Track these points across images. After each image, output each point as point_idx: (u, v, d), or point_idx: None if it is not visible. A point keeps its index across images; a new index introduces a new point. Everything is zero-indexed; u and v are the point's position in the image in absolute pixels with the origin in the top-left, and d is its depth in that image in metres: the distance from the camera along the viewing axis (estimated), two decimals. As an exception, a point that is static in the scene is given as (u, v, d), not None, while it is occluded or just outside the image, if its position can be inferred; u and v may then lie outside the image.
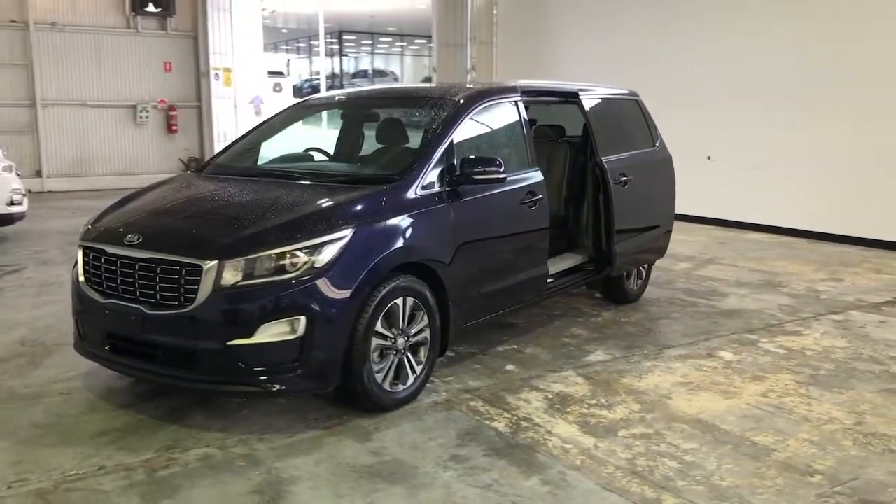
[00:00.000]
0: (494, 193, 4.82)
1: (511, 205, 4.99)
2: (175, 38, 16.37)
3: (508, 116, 5.30)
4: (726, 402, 4.37)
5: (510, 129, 5.30)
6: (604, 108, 6.27)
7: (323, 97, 5.81)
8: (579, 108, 5.92)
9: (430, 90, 5.51)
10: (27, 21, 14.88)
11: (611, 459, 3.64)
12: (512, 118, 5.30)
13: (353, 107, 5.78)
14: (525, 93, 5.46)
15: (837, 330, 5.81)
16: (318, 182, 4.54)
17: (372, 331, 3.99)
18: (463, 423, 4.05)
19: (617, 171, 5.87)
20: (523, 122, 5.28)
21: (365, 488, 3.35)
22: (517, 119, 5.28)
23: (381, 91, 5.93)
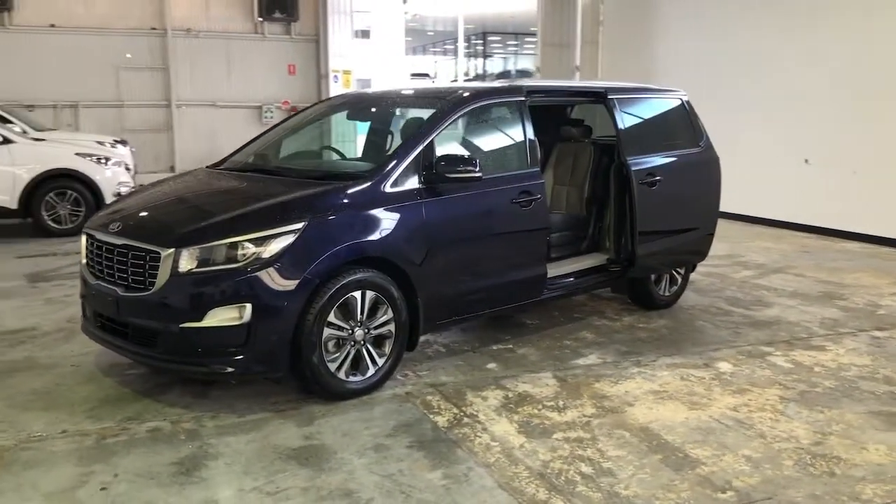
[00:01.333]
0: (478, 193, 4.87)
1: (499, 204, 5.01)
2: (298, 41, 17.24)
3: (507, 117, 5.33)
4: (688, 413, 4.22)
5: (508, 129, 5.32)
6: (638, 107, 6.14)
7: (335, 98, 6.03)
8: (606, 107, 5.84)
9: (432, 90, 5.62)
10: (165, 28, 16.16)
11: (527, 460, 3.63)
12: (511, 118, 5.32)
13: (361, 107, 5.98)
14: (533, 93, 5.45)
15: (869, 347, 5.41)
16: (298, 178, 4.76)
17: (324, 321, 4.16)
18: (407, 416, 4.16)
19: (644, 172, 5.74)
20: (525, 122, 5.27)
21: (274, 468, 3.54)
22: (517, 119, 5.28)
23: (390, 91, 6.08)
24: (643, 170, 5.76)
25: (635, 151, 5.80)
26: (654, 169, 5.85)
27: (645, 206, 5.73)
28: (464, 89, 5.24)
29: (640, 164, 5.77)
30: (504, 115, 5.35)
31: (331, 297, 4.17)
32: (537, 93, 5.54)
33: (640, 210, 5.69)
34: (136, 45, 16.10)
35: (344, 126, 5.79)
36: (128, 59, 16.01)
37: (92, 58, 15.68)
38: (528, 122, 5.30)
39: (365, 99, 5.85)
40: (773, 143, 10.55)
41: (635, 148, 5.82)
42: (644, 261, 5.80)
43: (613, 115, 5.78)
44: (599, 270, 5.92)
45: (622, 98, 5.91)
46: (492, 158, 5.22)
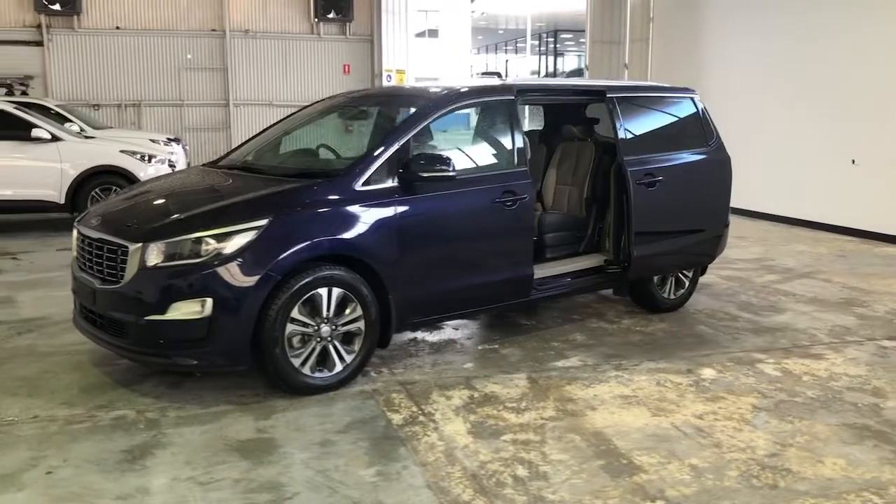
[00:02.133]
0: (457, 192, 4.87)
1: (480, 204, 4.99)
2: (353, 41, 17.50)
3: (495, 116, 5.31)
4: (650, 419, 4.12)
5: (495, 128, 5.30)
6: (640, 107, 6.04)
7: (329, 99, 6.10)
8: (606, 106, 5.75)
9: (420, 90, 5.62)
10: (224, 29, 16.64)
11: (465, 460, 3.62)
12: (499, 118, 5.29)
13: (353, 106, 6.04)
14: (523, 92, 5.41)
15: (871, 357, 5.17)
16: (277, 176, 4.84)
17: (287, 317, 4.24)
18: (365, 412, 4.20)
19: (643, 173, 5.63)
20: (514, 121, 5.24)
21: (216, 459, 3.63)
22: (506, 119, 5.26)
23: (383, 90, 6.12)
24: (642, 170, 5.64)
25: (635, 151, 5.70)
26: (654, 169, 5.73)
27: (643, 207, 5.62)
28: (449, 89, 5.24)
29: (639, 163, 5.66)
30: (492, 114, 5.32)
31: (293, 294, 4.23)
32: (528, 92, 5.50)
33: (637, 211, 5.58)
34: (196, 46, 16.63)
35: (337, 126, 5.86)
36: (188, 60, 16.56)
37: (155, 59, 16.29)
38: (518, 122, 5.27)
39: (359, 98, 5.90)
40: (821, 144, 10.16)
41: (635, 148, 5.72)
42: (641, 262, 5.69)
43: (612, 114, 5.69)
44: (598, 271, 5.83)
45: (623, 97, 5.81)
46: (475, 157, 5.19)
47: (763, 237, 9.82)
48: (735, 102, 11.68)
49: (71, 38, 15.94)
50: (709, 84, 12.19)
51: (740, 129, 11.48)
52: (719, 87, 11.98)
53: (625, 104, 5.79)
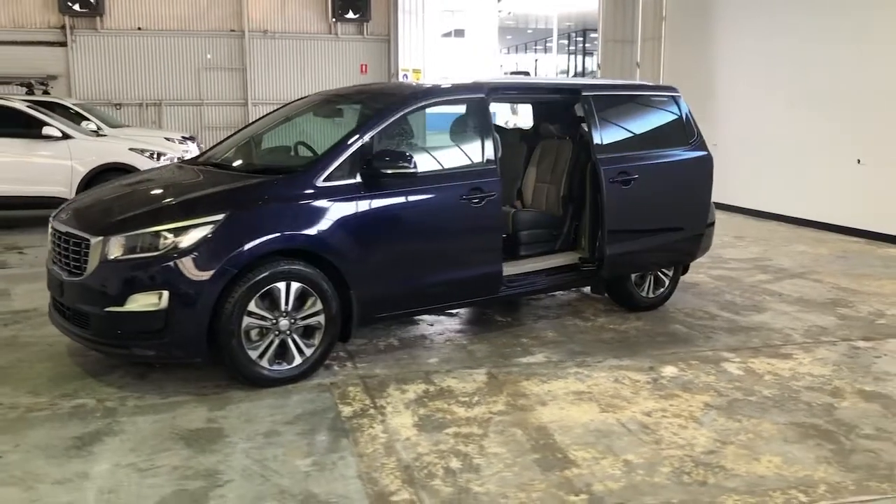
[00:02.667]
0: (422, 189, 4.93)
1: (445, 201, 5.04)
2: (370, 41, 17.63)
3: (465, 114, 5.35)
4: (598, 415, 4.14)
5: (464, 126, 5.34)
6: (616, 105, 6.05)
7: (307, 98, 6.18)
8: (581, 105, 5.76)
9: (392, 88, 5.67)
10: (243, 30, 16.87)
11: (403, 452, 3.68)
12: (469, 116, 5.34)
13: (326, 104, 6.10)
14: (495, 90, 5.45)
15: (840, 357, 5.12)
16: (245, 172, 4.93)
17: (244, 310, 4.33)
18: (318, 405, 4.27)
19: (617, 171, 5.63)
20: (484, 120, 5.28)
21: (161, 447, 3.73)
22: (475, 117, 5.30)
23: (358, 88, 6.17)
24: (616, 168, 5.65)
25: (610, 149, 5.71)
26: (629, 168, 5.72)
27: (616, 205, 5.63)
28: (417, 87, 5.29)
29: (613, 162, 5.66)
30: (461, 112, 5.36)
31: (250, 288, 4.32)
32: (500, 91, 5.53)
33: (610, 209, 5.59)
34: (215, 46, 16.89)
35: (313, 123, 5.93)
36: (208, 60, 16.82)
37: (175, 59, 16.57)
38: (489, 120, 5.30)
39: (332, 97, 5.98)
40: (827, 144, 10.02)
41: (610, 146, 5.73)
42: (615, 260, 5.69)
43: (587, 112, 5.70)
44: (572, 269, 5.85)
45: (599, 95, 5.82)
46: (442, 155, 5.24)
47: (765, 237, 9.72)
48: (744, 101, 11.58)
49: (94, 39, 16.29)
50: (719, 82, 12.10)
51: (748, 128, 11.39)
52: (730, 85, 11.88)
53: (601, 103, 5.79)
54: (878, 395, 4.44)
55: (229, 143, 5.77)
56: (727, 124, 11.92)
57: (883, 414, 4.17)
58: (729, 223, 10.77)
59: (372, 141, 4.83)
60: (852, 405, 4.30)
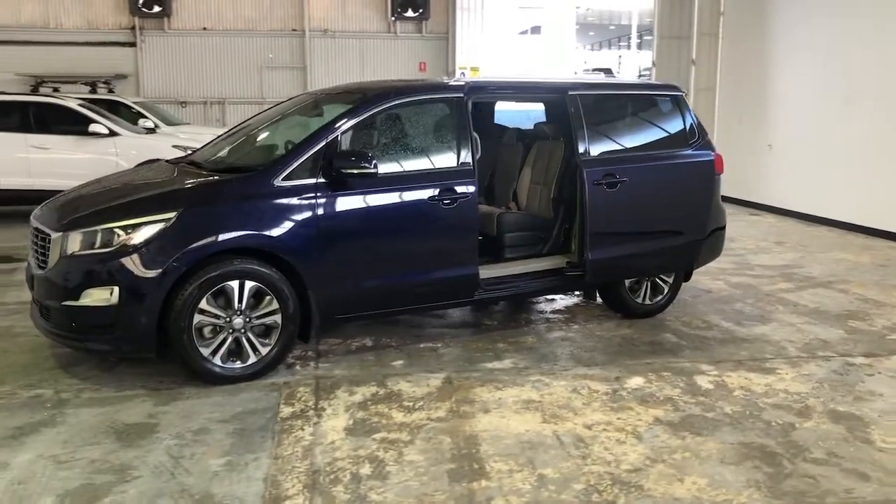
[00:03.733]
0: (387, 189, 4.88)
1: (412, 201, 4.98)
2: (429, 39, 17.65)
3: (441, 114, 5.27)
4: (537, 425, 4.01)
5: (439, 126, 5.26)
6: (606, 104, 5.87)
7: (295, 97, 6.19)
8: (567, 104, 5.59)
9: (370, 87, 5.61)
10: (304, 29, 17.16)
11: (319, 456, 3.65)
12: (446, 116, 5.26)
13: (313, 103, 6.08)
14: (476, 90, 5.35)
15: (827, 374, 4.81)
16: (212, 171, 4.98)
17: (194, 307, 4.37)
18: (261, 404, 4.28)
19: (602, 173, 5.46)
20: (462, 119, 5.18)
21: (91, 440, 3.81)
22: (452, 116, 5.21)
23: (345, 86, 6.12)
24: (601, 170, 5.46)
25: (596, 150, 5.52)
26: (617, 170, 5.53)
27: (601, 209, 5.45)
28: (388, 86, 5.24)
29: (599, 164, 5.48)
30: (437, 112, 5.29)
31: (201, 286, 4.36)
32: (482, 91, 5.43)
33: (594, 212, 5.42)
34: (277, 45, 17.24)
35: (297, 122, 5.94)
36: (270, 59, 17.16)
37: (238, 58, 16.99)
38: (467, 120, 5.19)
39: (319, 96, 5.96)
40: (884, 147, 9.44)
41: (597, 147, 5.54)
42: (599, 266, 5.51)
43: (572, 112, 5.52)
44: (558, 273, 5.68)
45: (587, 94, 5.63)
46: (412, 155, 5.16)
47: (806, 242, 9.23)
48: (800, 101, 11.05)
49: (161, 39, 16.87)
50: (777, 81, 11.59)
51: (805, 129, 10.88)
52: (787, 84, 11.35)
53: (589, 102, 5.61)
54: (849, 417, 4.14)
55: (218, 143, 5.84)
56: (784, 125, 11.39)
57: (844, 437, 3.88)
58: (775, 228, 10.30)
59: (337, 140, 4.80)
60: (815, 426, 4.02)
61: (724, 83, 13.19)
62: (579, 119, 5.50)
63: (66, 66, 16.07)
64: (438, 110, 5.30)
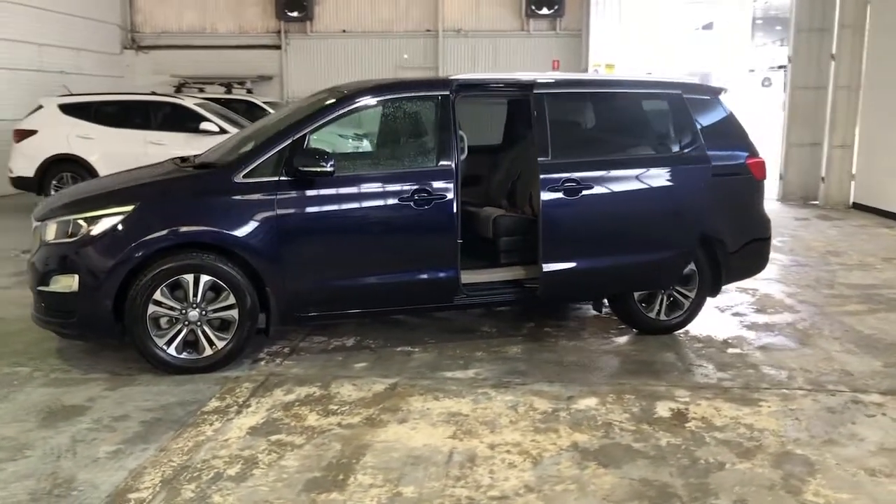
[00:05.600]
0: (353, 188, 4.84)
1: (380, 201, 4.89)
2: (563, 37, 17.28)
3: (422, 112, 5.14)
4: (440, 440, 3.81)
5: (419, 124, 5.13)
6: (583, 103, 5.49)
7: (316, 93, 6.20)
8: (531, 103, 5.17)
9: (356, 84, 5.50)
10: (438, 29, 17.35)
11: (201, 453, 3.66)
12: (427, 114, 5.12)
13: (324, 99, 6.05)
14: (464, 87, 5.16)
15: (818, 411, 4.20)
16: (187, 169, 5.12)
17: (149, 298, 4.54)
18: (196, 396, 4.36)
19: (563, 179, 5.06)
20: (446, 118, 5.01)
21: (22, 418, 4.05)
22: (435, 115, 5.06)
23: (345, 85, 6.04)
24: (562, 176, 5.05)
25: (561, 153, 5.12)
26: (582, 176, 5.10)
27: (559, 218, 5.09)
28: (366, 84, 5.16)
29: (560, 168, 5.08)
30: (420, 110, 5.15)
31: (155, 277, 4.52)
32: (470, 87, 5.21)
33: (548, 221, 5.05)
34: (412, 46, 17.55)
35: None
36: (405, 60, 17.50)
37: (374, 59, 17.47)
38: (451, 118, 5.02)
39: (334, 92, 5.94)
40: None
41: (561, 149, 5.15)
42: (553, 280, 5.10)
43: (537, 111, 5.13)
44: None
45: (555, 93, 5.23)
46: (385, 154, 5.07)
47: (921, 260, 8.13)
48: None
49: (303, 42, 17.66)
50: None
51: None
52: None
53: (557, 100, 5.22)
54: (799, 462, 3.60)
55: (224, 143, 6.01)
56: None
57: (770, 485, 3.38)
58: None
59: (305, 138, 4.80)
60: (748, 469, 3.53)
61: (870, 81, 11.88)
62: (543, 119, 5.12)
63: (218, 68, 17.22)
64: (421, 108, 5.15)
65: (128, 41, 17.76)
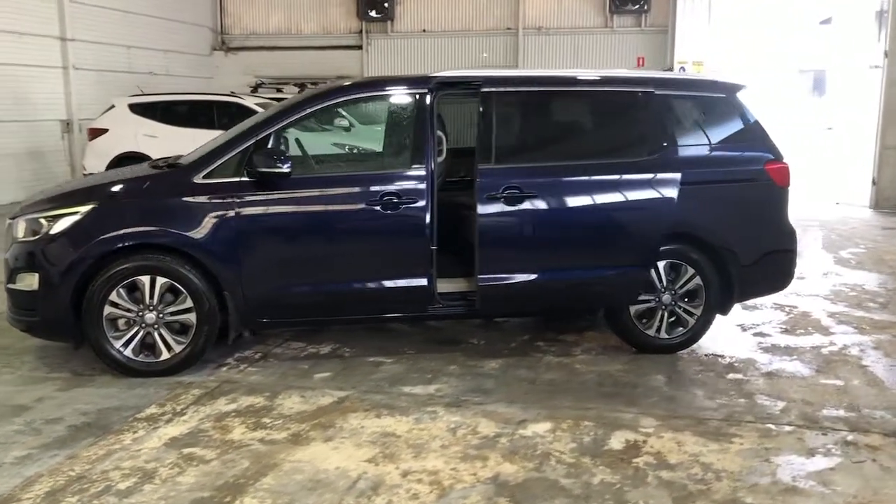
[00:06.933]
0: (316, 190, 4.65)
1: (345, 205, 4.68)
2: (649, 33, 16.58)
3: (401, 112, 4.89)
4: (357, 463, 3.55)
5: (396, 125, 4.89)
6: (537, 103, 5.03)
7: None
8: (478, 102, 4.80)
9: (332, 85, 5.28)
10: (518, 28, 17.00)
11: (104, 463, 3.55)
12: (405, 114, 4.87)
13: None
14: (445, 85, 4.88)
15: (795, 452, 3.68)
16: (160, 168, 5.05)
17: (105, 299, 4.49)
18: (139, 401, 4.27)
19: (503, 185, 4.68)
20: (422, 118, 4.75)
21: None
22: (412, 115, 4.80)
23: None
24: (502, 182, 4.68)
25: (504, 158, 4.77)
26: (525, 182, 4.71)
27: (497, 227, 4.73)
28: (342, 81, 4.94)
29: (502, 174, 4.72)
30: (394, 110, 4.91)
31: (110, 278, 4.46)
32: (452, 85, 4.91)
33: (485, 230, 4.69)
34: (491, 44, 17.27)
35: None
36: (484, 58, 17.22)
37: (454, 58, 17.28)
38: (427, 119, 4.75)
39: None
40: None
41: (506, 154, 4.81)
42: (490, 294, 4.75)
43: (483, 111, 4.76)
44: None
45: (504, 91, 4.85)
46: (356, 156, 4.84)
47: None
48: None
49: (384, 42, 17.66)
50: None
51: None
52: None
53: (506, 99, 4.85)
54: (740, 513, 3.13)
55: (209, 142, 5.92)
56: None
57: (691, 539, 2.93)
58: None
59: (268, 138, 4.64)
60: (674, 517, 3.09)
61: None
62: (489, 120, 4.75)
63: (301, 69, 17.45)
64: (398, 108, 4.90)
65: (217, 43, 18.26)
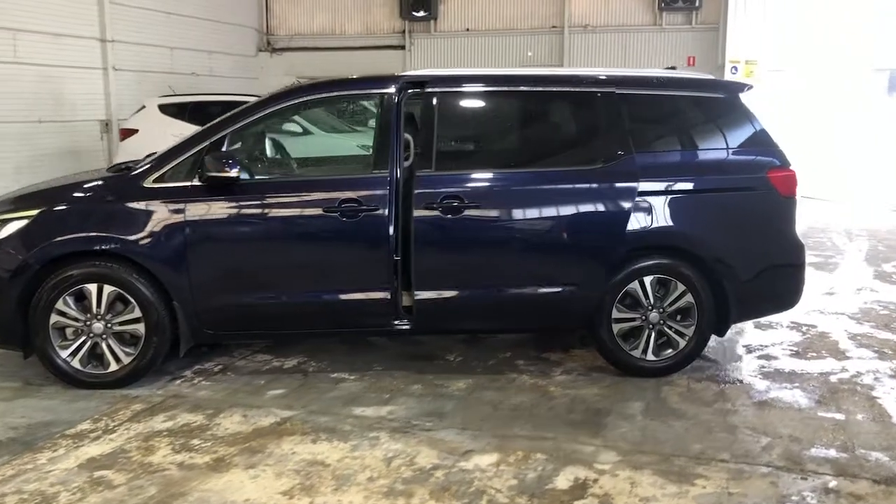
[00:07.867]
0: (270, 197, 4.41)
1: (301, 212, 4.42)
2: (699, 31, 15.94)
3: (361, 113, 4.61)
4: (268, 495, 3.28)
5: (359, 125, 4.59)
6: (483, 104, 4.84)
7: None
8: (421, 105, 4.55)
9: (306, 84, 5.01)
10: (564, 26, 16.54)
11: (14, 483, 3.36)
12: (366, 115, 4.58)
13: None
14: (413, 84, 4.57)
15: (767, 501, 3.24)
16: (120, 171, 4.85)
17: (51, 307, 4.32)
18: (76, 416, 4.08)
19: (442, 194, 4.36)
20: (388, 120, 4.45)
21: None
22: (373, 116, 4.54)
23: None
24: (441, 192, 4.36)
25: (442, 165, 4.46)
26: (465, 191, 4.39)
27: (434, 239, 4.43)
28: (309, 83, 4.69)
29: (441, 182, 4.40)
30: (357, 111, 4.63)
31: (56, 286, 4.29)
32: (420, 85, 4.59)
33: (422, 242, 4.39)
34: (536, 43, 16.84)
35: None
36: (529, 57, 16.82)
37: (498, 57, 16.94)
38: (392, 121, 4.45)
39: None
40: None
41: (447, 160, 4.53)
42: (428, 310, 4.45)
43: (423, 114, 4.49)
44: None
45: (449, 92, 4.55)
46: (316, 160, 4.57)
47: None
48: None
49: (427, 42, 17.41)
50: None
51: None
52: None
53: (448, 100, 4.52)
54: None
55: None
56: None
57: None
58: None
59: (223, 141, 4.41)
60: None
61: None
62: (430, 123, 4.42)
63: (344, 69, 17.29)
64: (362, 109, 4.62)
65: (263, 44, 18.29)
